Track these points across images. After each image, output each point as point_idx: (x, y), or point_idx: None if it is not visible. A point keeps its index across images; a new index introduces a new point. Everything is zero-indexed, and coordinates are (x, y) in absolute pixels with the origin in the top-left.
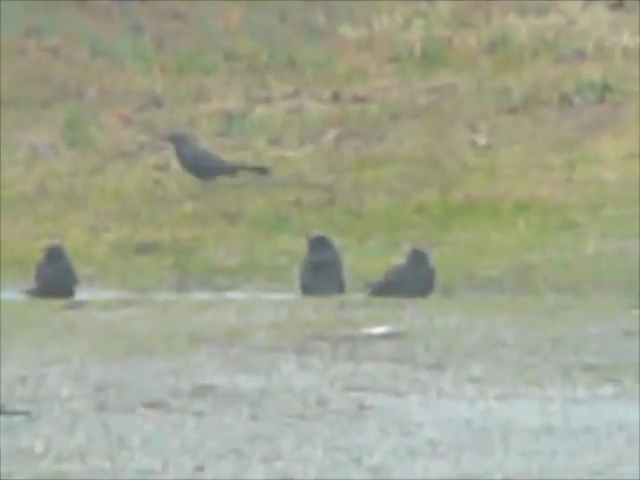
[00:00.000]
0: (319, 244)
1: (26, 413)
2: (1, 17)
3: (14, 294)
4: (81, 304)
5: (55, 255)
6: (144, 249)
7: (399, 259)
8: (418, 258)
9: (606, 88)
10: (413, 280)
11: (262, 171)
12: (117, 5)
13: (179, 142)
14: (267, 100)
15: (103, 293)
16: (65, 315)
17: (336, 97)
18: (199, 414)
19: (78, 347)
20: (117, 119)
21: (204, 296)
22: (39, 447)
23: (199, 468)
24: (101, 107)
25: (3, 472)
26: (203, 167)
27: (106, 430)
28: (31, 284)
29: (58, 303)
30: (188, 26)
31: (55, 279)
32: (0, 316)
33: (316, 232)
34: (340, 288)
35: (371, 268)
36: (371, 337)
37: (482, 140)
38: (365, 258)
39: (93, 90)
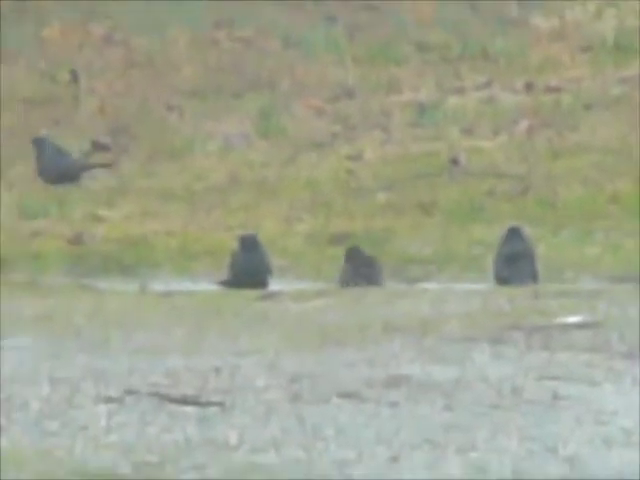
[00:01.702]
0: (513, 234)
1: (220, 404)
2: (191, 9)
3: (207, 285)
4: (275, 295)
5: (250, 245)
6: (338, 239)
7: (594, 249)
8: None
9: None
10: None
11: (106, 165)
12: None
13: (39, 147)
14: (460, 90)
15: (297, 284)
16: (259, 306)
17: (529, 87)
18: (393, 404)
19: (272, 338)
20: (310, 109)
21: (398, 286)
22: (233, 438)
23: (394, 458)
24: (293, 97)
25: (198, 463)
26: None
27: (300, 421)
28: (224, 275)
29: (252, 294)
30: (381, 17)
31: (249, 270)
32: (194, 307)
33: (510, 222)
34: (534, 278)
35: (564, 258)
36: (565, 326)
37: None
38: (558, 248)
39: (285, 81)
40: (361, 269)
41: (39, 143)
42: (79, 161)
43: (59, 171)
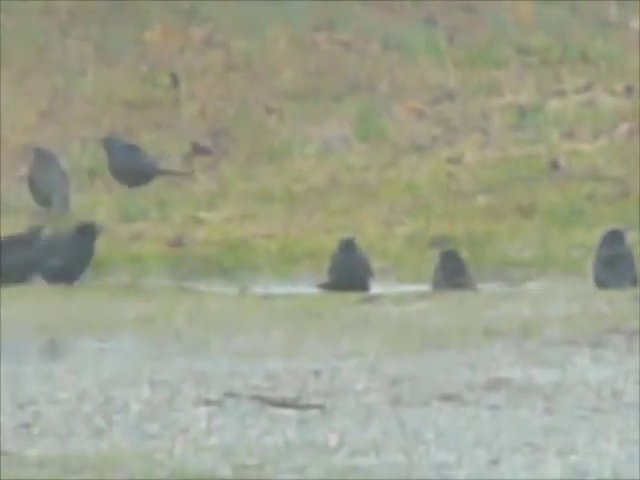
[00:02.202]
0: (612, 237)
1: (320, 407)
2: (291, 11)
3: (307, 287)
4: (375, 298)
5: (350, 248)
6: (438, 242)
7: None
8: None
9: None
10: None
11: (184, 174)
12: None
13: (109, 146)
14: (560, 93)
15: (397, 287)
16: (359, 309)
17: (629, 90)
18: (494, 407)
19: (372, 341)
20: (410, 112)
21: (498, 289)
22: (333, 441)
23: (494, 461)
24: (393, 100)
25: (297, 465)
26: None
27: (401, 424)
28: (324, 277)
29: (352, 297)
30: (480, 19)
31: (350, 272)
32: (294, 310)
33: (610, 225)
34: (634, 281)
35: None
36: None
37: None
38: None
39: (385, 83)
40: (454, 273)
41: (109, 143)
42: (151, 164)
43: (129, 172)
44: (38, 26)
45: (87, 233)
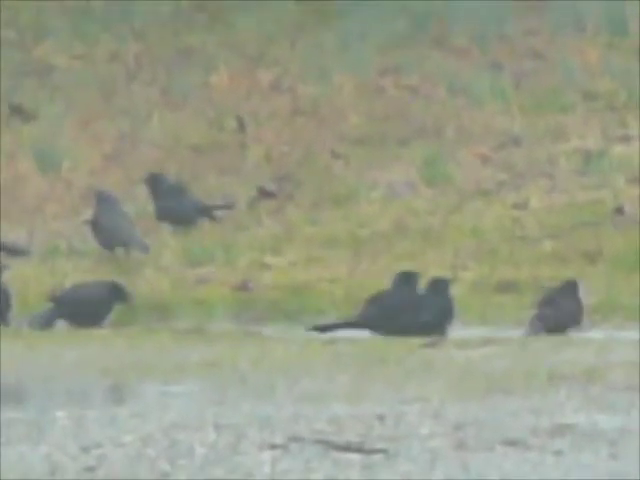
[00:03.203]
0: None
1: (384, 451)
2: (358, 56)
3: (371, 332)
4: (439, 342)
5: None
6: (504, 287)
7: None
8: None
9: None
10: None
11: (228, 207)
12: (476, 43)
13: (154, 186)
14: (625, 139)
15: (463, 331)
16: (423, 353)
17: None
18: (558, 453)
19: (437, 385)
20: (475, 157)
21: (563, 335)
22: None
23: None
24: (459, 145)
25: None
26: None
27: (465, 468)
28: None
29: (415, 341)
30: (547, 64)
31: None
32: (358, 354)
33: None
34: None
35: None
36: None
37: None
38: None
39: (451, 128)
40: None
41: (153, 182)
42: (196, 202)
43: (173, 213)
44: (105, 70)
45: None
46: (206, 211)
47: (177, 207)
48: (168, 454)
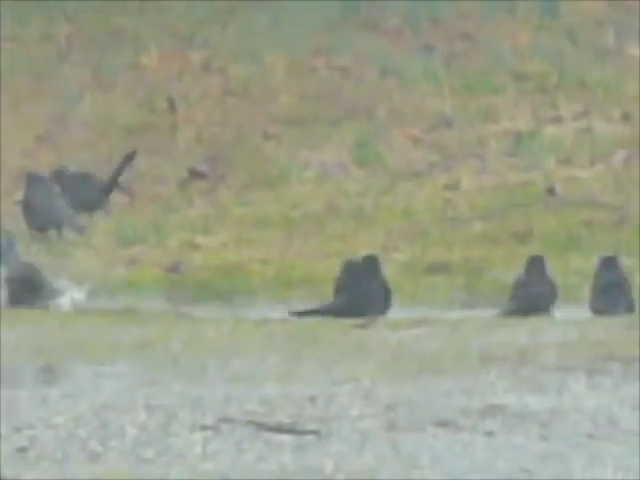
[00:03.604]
0: (608, 264)
1: (316, 432)
2: (289, 37)
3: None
4: (371, 323)
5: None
6: (435, 268)
7: None
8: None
9: None
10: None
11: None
12: (408, 26)
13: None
14: (556, 120)
15: (394, 312)
16: (355, 334)
17: (626, 117)
18: (489, 433)
19: (368, 366)
20: (407, 138)
21: (494, 316)
22: (329, 466)
23: None
24: (391, 126)
25: None
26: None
27: (396, 449)
28: (318, 303)
29: (348, 322)
30: (478, 46)
31: (369, 297)
32: (290, 335)
33: (606, 252)
34: (630, 308)
35: None
36: None
37: None
38: None
39: (383, 109)
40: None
41: (57, 177)
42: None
43: (81, 201)
44: (37, 52)
45: None
46: (111, 185)
47: (83, 195)
48: (99, 435)
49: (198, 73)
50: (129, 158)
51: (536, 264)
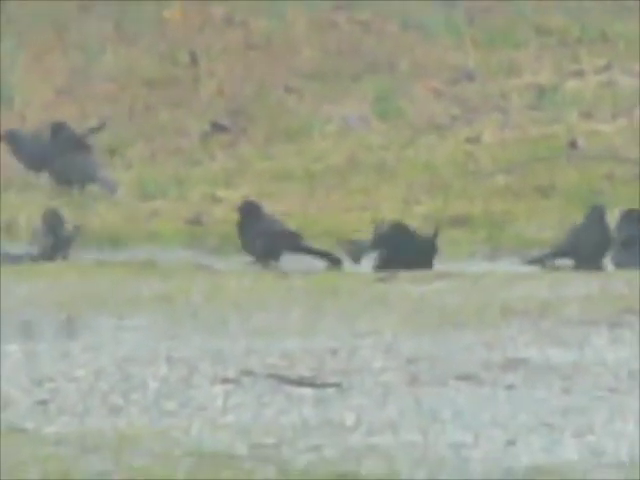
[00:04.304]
0: (628, 218)
1: (337, 386)
2: None
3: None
4: (393, 276)
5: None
6: (456, 222)
7: None
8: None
9: None
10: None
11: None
12: None
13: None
14: (579, 74)
15: None
16: (376, 287)
17: None
18: (510, 387)
19: (389, 319)
20: (429, 92)
21: (516, 269)
22: (350, 420)
23: (510, 442)
24: (412, 80)
25: (314, 444)
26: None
27: (417, 403)
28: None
29: (369, 275)
30: (500, 0)
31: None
32: (311, 288)
33: (627, 206)
34: None
35: None
36: None
37: None
38: None
39: (404, 63)
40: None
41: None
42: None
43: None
44: (58, 4)
45: None
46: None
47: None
48: (121, 388)
49: (220, 26)
50: (96, 130)
51: (596, 213)
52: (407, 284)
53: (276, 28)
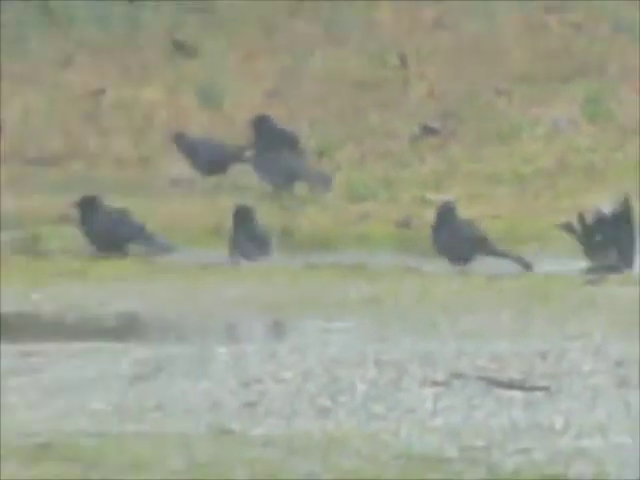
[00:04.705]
0: None
1: (546, 389)
2: None
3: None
4: (602, 279)
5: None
6: None
7: None
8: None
9: None
10: None
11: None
12: None
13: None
14: None
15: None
16: (585, 290)
17: None
18: None
19: (599, 322)
20: (638, 94)
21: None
22: (559, 423)
23: None
24: (621, 82)
25: (523, 447)
26: None
27: (627, 406)
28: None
29: (578, 278)
30: None
31: None
32: (521, 291)
33: None
34: None
35: None
36: None
37: None
38: None
39: (614, 65)
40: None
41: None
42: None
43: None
44: (268, 6)
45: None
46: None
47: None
48: (328, 390)
49: (429, 29)
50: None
51: None
52: (616, 286)
53: (486, 31)
